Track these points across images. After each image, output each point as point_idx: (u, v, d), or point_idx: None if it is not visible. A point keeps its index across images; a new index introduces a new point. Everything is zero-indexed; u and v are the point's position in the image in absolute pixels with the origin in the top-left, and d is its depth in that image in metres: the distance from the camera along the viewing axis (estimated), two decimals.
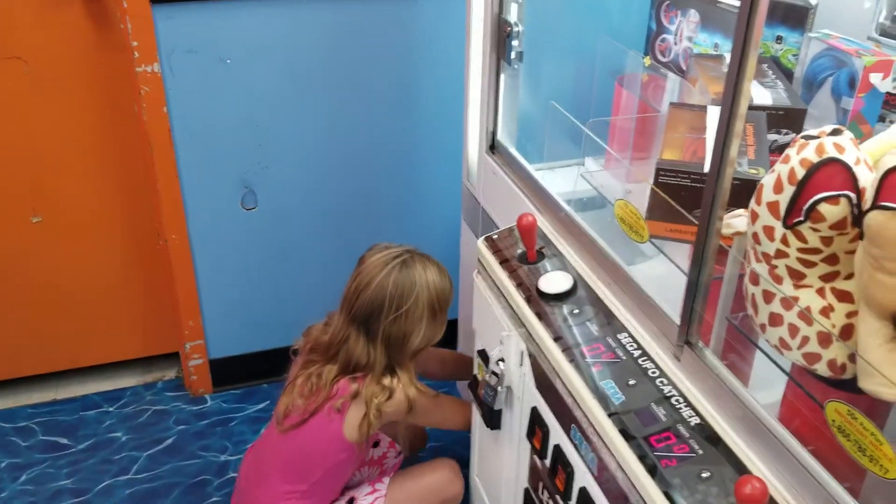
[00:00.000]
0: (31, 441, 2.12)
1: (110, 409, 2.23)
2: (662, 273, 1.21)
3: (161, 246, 2.11)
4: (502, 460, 1.46)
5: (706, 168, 1.09)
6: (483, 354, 1.44)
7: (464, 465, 1.80)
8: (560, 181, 1.49)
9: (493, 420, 1.41)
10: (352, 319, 1.55)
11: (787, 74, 1.55)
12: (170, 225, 2.04)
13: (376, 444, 1.85)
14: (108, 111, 1.99)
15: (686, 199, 1.17)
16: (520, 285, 1.32)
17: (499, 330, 1.35)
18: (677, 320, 1.07)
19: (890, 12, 1.52)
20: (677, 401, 1.04)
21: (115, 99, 1.98)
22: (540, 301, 1.27)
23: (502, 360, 1.33)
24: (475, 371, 1.49)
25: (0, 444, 2.10)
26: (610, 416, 1.05)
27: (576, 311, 1.24)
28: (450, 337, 2.30)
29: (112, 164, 2.06)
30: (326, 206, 2.16)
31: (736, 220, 1.04)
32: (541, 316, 1.25)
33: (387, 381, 1.54)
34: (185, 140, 1.96)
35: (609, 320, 1.20)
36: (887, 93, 1.43)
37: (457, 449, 2.05)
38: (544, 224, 1.44)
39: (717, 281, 1.06)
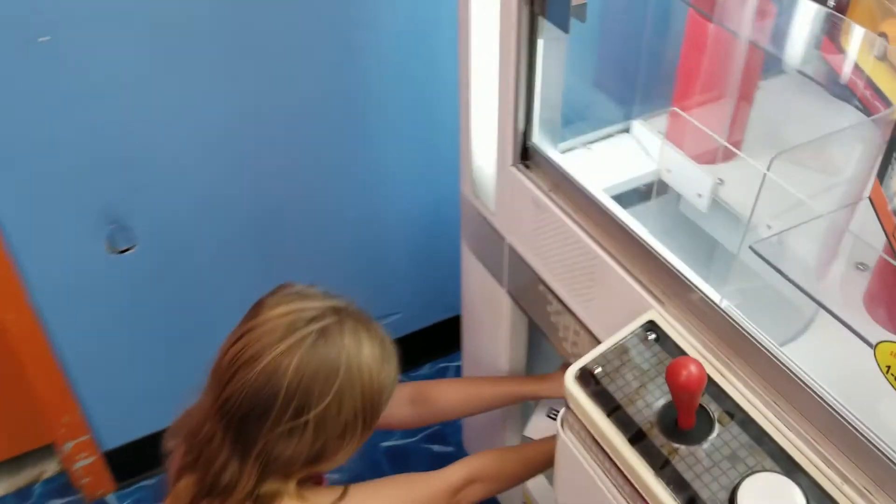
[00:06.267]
0: None
1: None
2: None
3: None
4: None
5: None
6: None
7: None
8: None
9: None
10: (220, 411, 0.90)
11: None
12: (2, 302, 1.33)
13: None
14: None
15: None
16: (674, 485, 0.72)
17: None
18: None
19: None
20: None
21: None
22: None
23: None
24: None
25: None
26: None
27: None
28: (449, 340, 1.75)
29: None
30: (234, 235, 1.49)
31: None
32: None
33: None
34: None
35: None
36: None
37: None
38: (665, 321, 0.82)
39: None
